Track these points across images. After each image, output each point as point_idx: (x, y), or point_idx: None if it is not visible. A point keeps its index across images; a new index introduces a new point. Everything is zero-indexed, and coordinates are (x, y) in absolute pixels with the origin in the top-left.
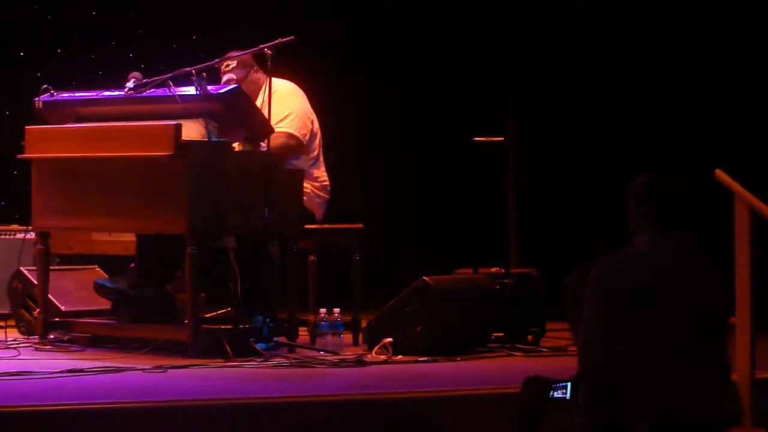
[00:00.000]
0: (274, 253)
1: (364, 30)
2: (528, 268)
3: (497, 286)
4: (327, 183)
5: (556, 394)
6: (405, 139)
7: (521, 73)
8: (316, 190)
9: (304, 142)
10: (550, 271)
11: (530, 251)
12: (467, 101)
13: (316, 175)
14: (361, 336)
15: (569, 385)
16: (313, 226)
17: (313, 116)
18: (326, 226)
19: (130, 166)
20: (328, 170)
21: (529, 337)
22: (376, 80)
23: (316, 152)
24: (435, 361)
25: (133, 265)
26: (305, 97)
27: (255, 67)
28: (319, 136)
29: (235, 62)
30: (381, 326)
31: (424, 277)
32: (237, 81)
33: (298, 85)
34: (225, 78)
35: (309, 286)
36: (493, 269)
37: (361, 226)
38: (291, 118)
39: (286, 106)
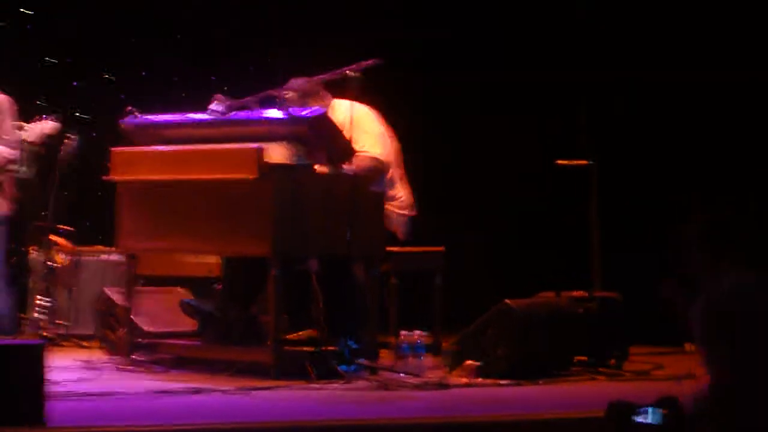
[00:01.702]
0: (357, 275)
1: (443, 49)
2: (611, 292)
3: (580, 310)
4: (406, 199)
5: (639, 419)
6: (488, 160)
7: (601, 95)
8: (396, 210)
9: (387, 165)
10: (633, 294)
11: (613, 274)
12: (552, 122)
13: (392, 194)
14: (442, 358)
15: (653, 409)
16: (395, 249)
17: (387, 136)
18: (408, 249)
19: (215, 189)
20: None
21: (612, 361)
22: (457, 99)
23: (391, 172)
24: (517, 384)
25: (218, 286)
26: (378, 117)
27: (319, 93)
28: (394, 155)
29: (291, 93)
30: (463, 349)
31: (507, 300)
32: None
33: (372, 105)
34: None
35: (390, 308)
36: (576, 293)
37: (442, 249)
38: (371, 141)
39: (363, 129)
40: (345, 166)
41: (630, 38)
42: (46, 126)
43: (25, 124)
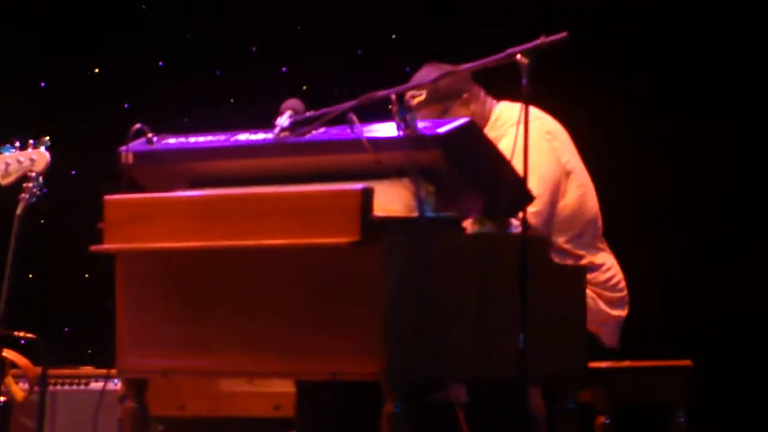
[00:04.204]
0: (535, 410)
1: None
2: None
3: None
4: (618, 278)
5: None
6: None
7: None
8: (598, 296)
9: (546, 233)
10: None
11: None
12: None
13: (596, 264)
14: None
15: None
16: (602, 365)
17: (576, 167)
18: (627, 363)
19: (285, 264)
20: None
21: None
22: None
23: (580, 229)
24: None
25: None
26: (565, 135)
27: (466, 94)
28: (588, 200)
29: (423, 92)
30: None
31: None
32: None
33: (559, 115)
34: None
35: None
36: None
37: (687, 363)
38: (539, 186)
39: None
40: (514, 222)
41: None
42: (31, 160)
43: None
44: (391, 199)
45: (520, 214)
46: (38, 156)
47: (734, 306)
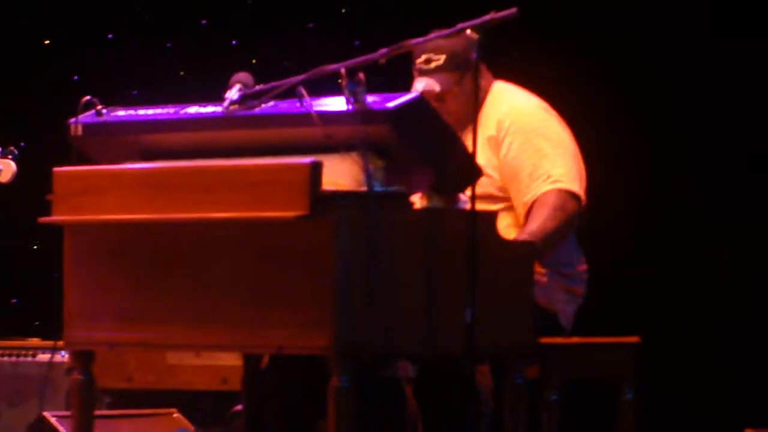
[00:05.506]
0: (483, 386)
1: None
2: None
3: None
4: (584, 269)
5: None
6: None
7: None
8: (563, 279)
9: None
10: None
11: None
12: None
13: (565, 259)
14: None
15: None
16: (552, 341)
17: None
18: (575, 340)
19: (234, 237)
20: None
21: None
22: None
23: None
24: None
25: (238, 407)
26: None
27: (472, 63)
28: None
29: (442, 57)
30: None
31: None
32: (441, 94)
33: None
34: (420, 86)
35: None
36: None
37: (636, 340)
38: (564, 161)
39: (548, 139)
40: (462, 197)
41: None
42: None
43: None
44: (340, 174)
45: (547, 187)
46: (5, 166)
47: (683, 284)
